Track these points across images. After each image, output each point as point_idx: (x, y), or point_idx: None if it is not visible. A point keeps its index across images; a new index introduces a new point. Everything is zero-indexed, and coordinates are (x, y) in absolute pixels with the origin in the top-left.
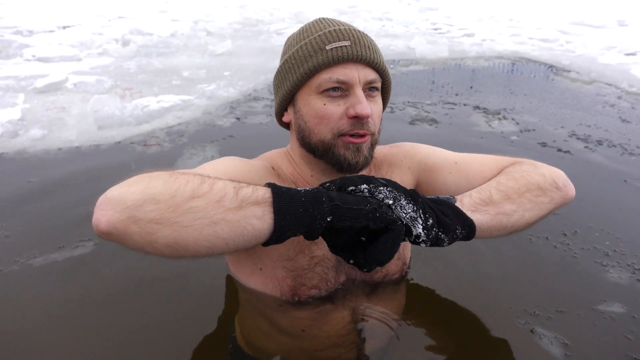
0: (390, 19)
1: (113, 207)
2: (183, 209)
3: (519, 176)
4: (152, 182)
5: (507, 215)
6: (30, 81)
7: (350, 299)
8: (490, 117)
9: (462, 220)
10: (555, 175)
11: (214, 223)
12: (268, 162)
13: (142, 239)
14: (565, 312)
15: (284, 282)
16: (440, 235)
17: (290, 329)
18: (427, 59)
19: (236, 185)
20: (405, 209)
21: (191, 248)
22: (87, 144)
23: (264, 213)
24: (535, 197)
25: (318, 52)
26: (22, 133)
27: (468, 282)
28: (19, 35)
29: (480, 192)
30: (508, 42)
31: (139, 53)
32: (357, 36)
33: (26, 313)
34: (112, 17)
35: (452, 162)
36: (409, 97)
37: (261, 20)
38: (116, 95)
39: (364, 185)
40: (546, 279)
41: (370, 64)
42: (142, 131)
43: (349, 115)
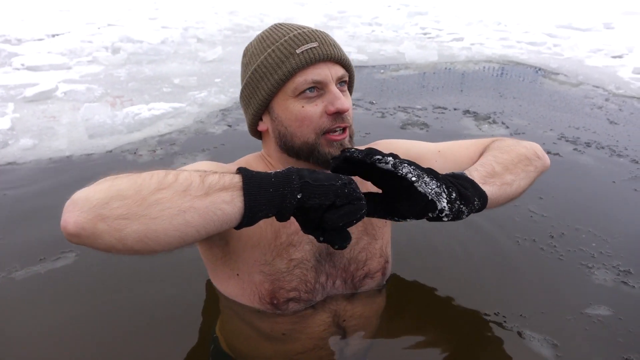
0: (379, 24)
1: (80, 208)
2: (150, 202)
3: (510, 149)
4: (117, 180)
5: (509, 185)
6: (19, 90)
7: (330, 302)
8: (480, 121)
9: (479, 192)
10: (535, 147)
11: (183, 212)
12: (245, 165)
13: (112, 236)
14: (552, 314)
15: (262, 287)
16: (462, 208)
17: (270, 333)
18: (417, 64)
19: (202, 174)
20: (430, 185)
21: (162, 240)
22: (78, 153)
23: (233, 197)
24: (525, 167)
25: (289, 57)
26: (12, 143)
27: (452, 285)
28: (8, 44)
29: (484, 166)
30: (496, 46)
31: (129, 61)
32: (322, 36)
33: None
34: (101, 25)
35: (435, 151)
36: (399, 101)
37: (251, 27)
38: (107, 103)
39: (390, 158)
40: (532, 282)
41: (338, 61)
42: (134, 139)
43: (328, 112)
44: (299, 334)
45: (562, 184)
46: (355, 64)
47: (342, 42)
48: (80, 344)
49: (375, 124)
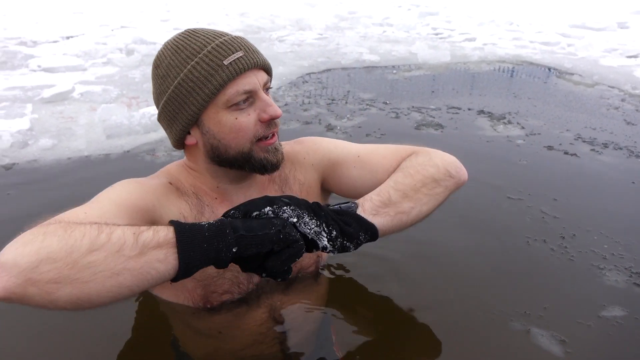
0: (390, 24)
1: (8, 272)
2: (82, 265)
3: (415, 172)
4: (47, 239)
5: (405, 213)
6: (37, 91)
7: (265, 297)
8: (495, 122)
9: (365, 226)
10: (448, 164)
11: (116, 274)
12: (165, 178)
13: (43, 299)
14: (561, 312)
15: (195, 292)
16: (346, 244)
17: (208, 332)
18: (429, 64)
19: (136, 231)
20: (309, 225)
21: (95, 301)
22: (96, 153)
23: (167, 255)
24: (431, 190)
25: (217, 69)
26: (31, 143)
27: (463, 283)
28: (24, 45)
29: (380, 195)
30: (509, 46)
31: (143, 62)
32: (244, 43)
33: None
34: (115, 27)
35: (355, 155)
36: (413, 102)
37: (262, 28)
38: (123, 104)
39: (268, 207)
40: (541, 282)
41: (262, 67)
42: (150, 140)
43: (262, 120)
44: (235, 330)
45: (578, 185)
46: (367, 65)
47: (354, 43)
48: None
49: (389, 124)
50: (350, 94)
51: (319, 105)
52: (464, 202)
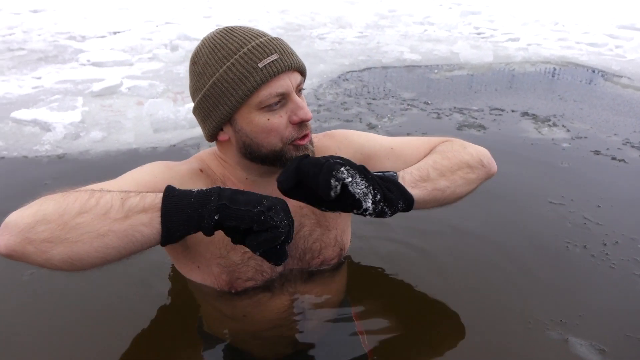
0: (432, 23)
1: (9, 232)
2: (71, 226)
3: (452, 155)
4: (45, 204)
5: (441, 190)
6: (86, 85)
7: (288, 286)
8: (539, 124)
9: (404, 195)
10: (481, 154)
11: (102, 235)
12: (197, 164)
13: (39, 257)
14: (599, 321)
15: (220, 277)
16: (385, 209)
17: (232, 315)
18: (472, 64)
19: (124, 196)
20: (359, 186)
21: (86, 261)
22: (144, 146)
23: (151, 219)
24: (465, 175)
25: (252, 72)
26: (83, 135)
27: (498, 287)
28: (73, 40)
29: (420, 170)
30: (555, 47)
31: (187, 58)
32: (280, 45)
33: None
34: (159, 23)
35: (388, 147)
36: (455, 102)
37: (303, 25)
38: (169, 99)
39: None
40: (579, 289)
41: (296, 69)
42: (195, 134)
43: (293, 122)
44: (258, 315)
45: (624, 191)
46: (408, 64)
47: (394, 42)
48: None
49: (431, 124)
50: (391, 93)
51: (359, 104)
52: (503, 203)
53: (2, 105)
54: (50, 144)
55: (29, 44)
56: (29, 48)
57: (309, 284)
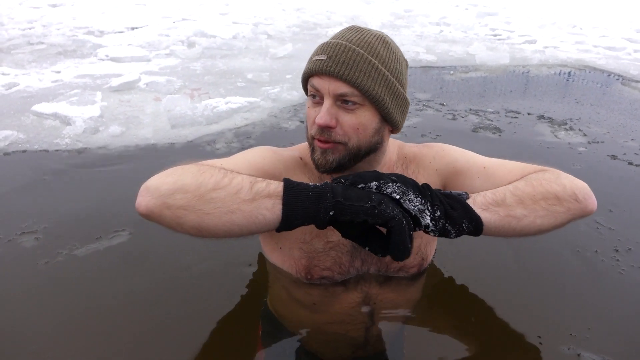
0: (448, 24)
1: (151, 195)
2: (206, 199)
3: (538, 184)
4: (184, 174)
5: (516, 218)
6: (105, 80)
7: (363, 284)
8: (556, 127)
9: (470, 215)
10: (576, 187)
11: (231, 212)
12: (298, 153)
13: (173, 221)
14: (608, 333)
15: (299, 262)
16: (447, 227)
17: (303, 301)
18: (488, 66)
19: (252, 180)
20: (413, 202)
21: (212, 231)
22: (162, 141)
23: (274, 205)
24: (550, 206)
25: (309, 60)
26: (102, 129)
27: (498, 293)
28: (92, 35)
29: (495, 194)
30: (572, 50)
31: (203, 55)
32: (338, 51)
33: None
34: (176, 19)
35: (481, 166)
36: (470, 104)
37: (319, 24)
38: (186, 95)
39: (374, 182)
40: (587, 297)
41: (340, 79)
42: (212, 131)
43: (315, 122)
44: (328, 306)
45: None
46: (423, 65)
47: (410, 42)
48: (150, 306)
49: (446, 126)
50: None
51: None
52: None
53: (23, 99)
54: (70, 138)
55: (48, 38)
56: (48, 42)
57: (384, 288)
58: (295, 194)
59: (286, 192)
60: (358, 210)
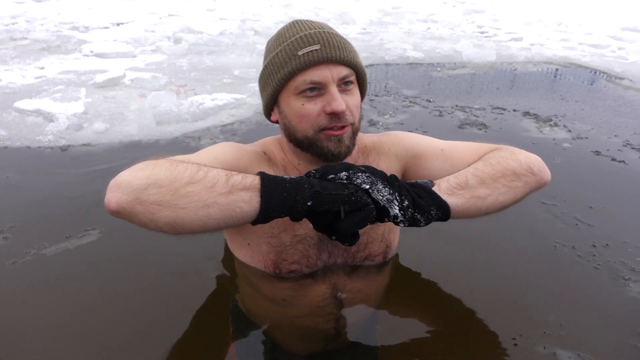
0: (435, 21)
1: (122, 190)
2: (181, 193)
3: (496, 162)
4: (156, 168)
5: (481, 198)
6: (89, 76)
7: (331, 275)
8: (541, 124)
9: (437, 202)
10: (531, 161)
11: (207, 206)
12: (261, 148)
13: (146, 217)
14: (582, 327)
15: (268, 257)
16: (416, 216)
17: (273, 297)
18: (474, 63)
19: (228, 173)
20: (382, 192)
21: (187, 226)
22: (146, 138)
23: (252, 197)
24: (510, 182)
25: (292, 58)
26: (86, 126)
27: (472, 283)
28: (76, 30)
29: (458, 177)
30: (557, 47)
31: (190, 51)
32: (327, 38)
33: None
34: (163, 15)
35: (438, 149)
36: (457, 100)
37: None
38: (172, 92)
39: (343, 172)
40: (562, 292)
41: (341, 62)
42: (197, 128)
43: (326, 112)
44: (297, 300)
45: (621, 193)
46: (410, 62)
47: (398, 39)
48: (121, 307)
49: (432, 122)
50: (394, 90)
51: None
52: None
53: (5, 95)
54: (53, 135)
55: (32, 33)
56: (32, 38)
57: (352, 278)
58: (272, 185)
59: (264, 184)
60: (336, 198)
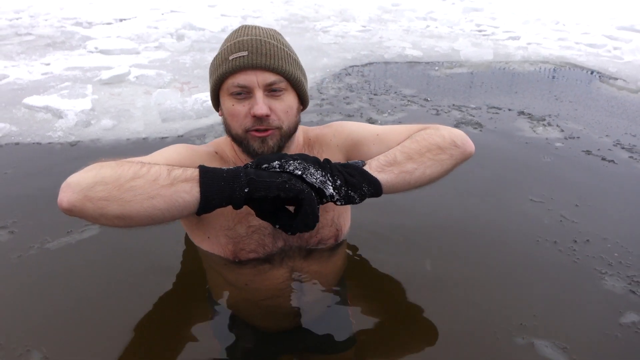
0: (434, 19)
1: (72, 190)
2: (125, 188)
3: (421, 139)
4: (103, 169)
5: (409, 173)
6: (95, 73)
7: (288, 260)
8: (535, 123)
9: (368, 179)
10: (454, 135)
11: (151, 197)
12: (213, 148)
13: (96, 212)
14: (556, 318)
15: (226, 248)
16: (350, 193)
17: (235, 283)
18: (472, 62)
19: (169, 168)
20: (314, 175)
21: (135, 218)
22: (153, 135)
23: (192, 187)
24: (435, 156)
25: (224, 62)
26: (94, 123)
27: (466, 283)
28: (80, 26)
29: (387, 156)
30: (554, 47)
31: (192, 48)
32: (256, 46)
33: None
34: (165, 11)
35: (374, 134)
36: (454, 100)
37: (307, 17)
38: (176, 89)
39: (276, 162)
40: (539, 284)
41: (267, 69)
42: (202, 125)
43: (251, 114)
44: (259, 284)
45: (608, 191)
46: (409, 60)
47: (397, 37)
48: (122, 299)
49: (429, 121)
50: (392, 89)
51: (361, 99)
52: (484, 200)
53: (13, 91)
54: (62, 131)
55: (36, 29)
56: (36, 33)
57: (308, 261)
58: (210, 176)
59: (202, 175)
60: (270, 185)
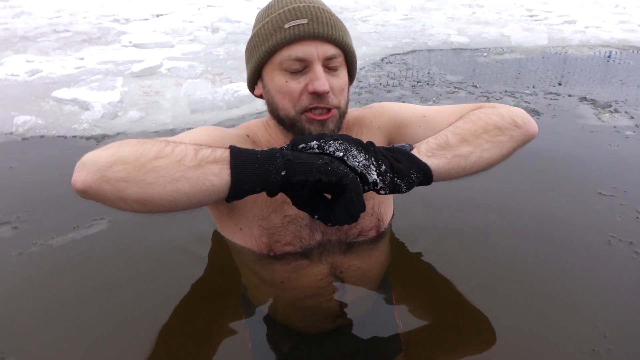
0: (480, 5)
1: (87, 169)
2: (147, 169)
3: (476, 118)
4: (122, 146)
5: (464, 157)
6: (127, 66)
7: (327, 255)
8: (599, 110)
9: (417, 164)
10: (514, 114)
11: (175, 180)
12: (244, 131)
13: (114, 195)
14: (632, 340)
15: (260, 240)
16: (396, 181)
17: (271, 281)
18: (524, 47)
19: (196, 147)
20: (357, 158)
21: (157, 203)
22: (181, 126)
23: (221, 170)
24: (493, 137)
25: (277, 30)
26: (121, 115)
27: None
28: (117, 23)
29: (437, 138)
30: (615, 30)
31: (227, 40)
32: (315, 13)
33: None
34: (201, 6)
35: (420, 115)
36: (505, 86)
37: (346, 8)
38: (207, 80)
39: (314, 141)
40: (610, 287)
41: (328, 40)
42: (232, 116)
43: (308, 91)
44: (296, 282)
45: None
46: (455, 47)
47: (441, 24)
48: (129, 297)
49: None
50: (437, 76)
51: (403, 87)
52: (547, 194)
53: (44, 85)
54: (88, 123)
55: (74, 26)
56: (74, 30)
57: (348, 256)
58: (243, 157)
59: (233, 156)
60: (310, 168)
